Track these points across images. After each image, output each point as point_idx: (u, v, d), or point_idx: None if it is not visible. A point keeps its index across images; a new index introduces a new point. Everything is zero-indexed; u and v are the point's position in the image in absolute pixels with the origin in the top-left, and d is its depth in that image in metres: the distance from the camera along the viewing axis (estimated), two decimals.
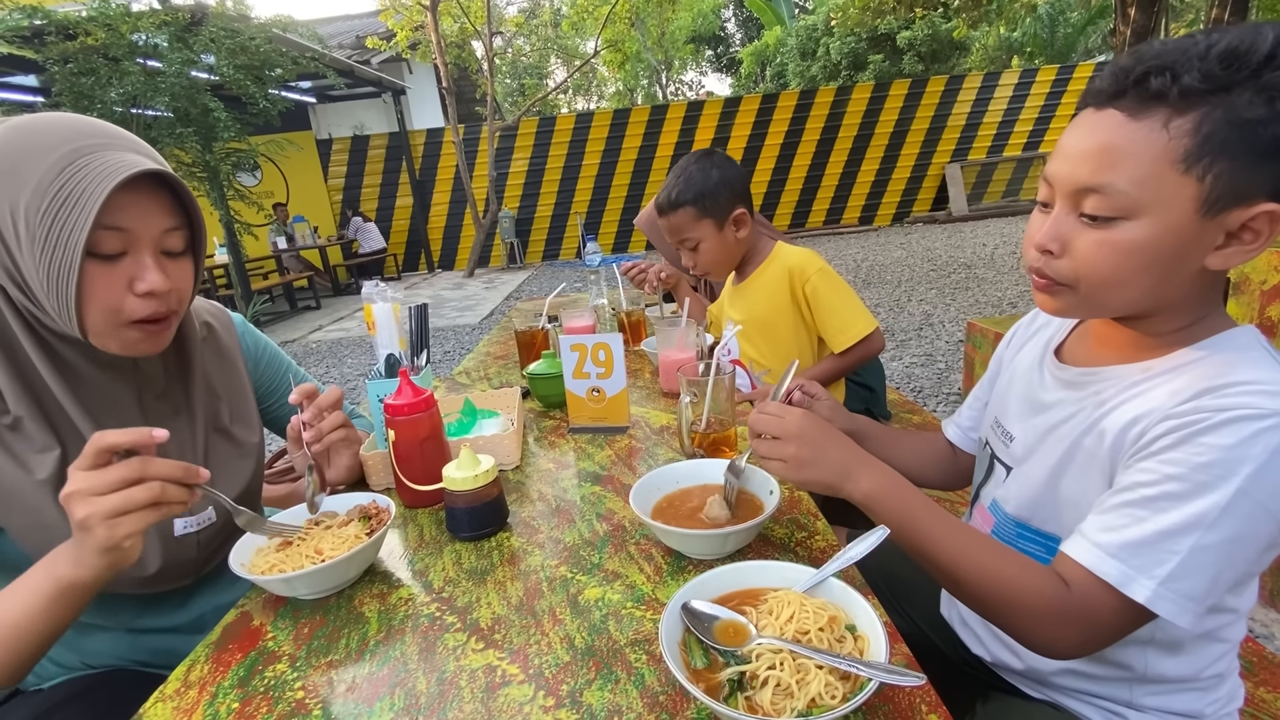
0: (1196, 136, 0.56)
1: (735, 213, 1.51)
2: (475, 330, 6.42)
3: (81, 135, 0.74)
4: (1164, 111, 0.57)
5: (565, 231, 11.34)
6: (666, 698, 0.59)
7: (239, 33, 6.60)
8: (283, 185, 10.60)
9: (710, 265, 1.57)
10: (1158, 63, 0.57)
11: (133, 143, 0.79)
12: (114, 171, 0.72)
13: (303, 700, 0.63)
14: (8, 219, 0.71)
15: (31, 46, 5.78)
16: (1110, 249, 0.61)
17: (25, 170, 0.71)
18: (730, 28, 23.76)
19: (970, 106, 10.49)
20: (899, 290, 6.03)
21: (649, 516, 0.80)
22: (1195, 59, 0.55)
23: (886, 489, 0.71)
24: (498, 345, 2.06)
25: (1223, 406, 0.57)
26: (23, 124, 0.74)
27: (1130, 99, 0.59)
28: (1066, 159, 0.63)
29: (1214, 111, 0.55)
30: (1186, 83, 0.55)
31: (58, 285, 0.72)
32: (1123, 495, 0.61)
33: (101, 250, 0.74)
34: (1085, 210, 0.62)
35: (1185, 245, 0.60)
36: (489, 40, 10.37)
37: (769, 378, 1.60)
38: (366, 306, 1.17)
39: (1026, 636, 0.65)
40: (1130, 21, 5.48)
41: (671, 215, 1.53)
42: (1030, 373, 0.82)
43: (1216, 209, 0.57)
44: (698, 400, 1.03)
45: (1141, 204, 0.59)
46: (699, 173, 1.50)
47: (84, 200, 0.70)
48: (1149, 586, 0.58)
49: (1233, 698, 0.73)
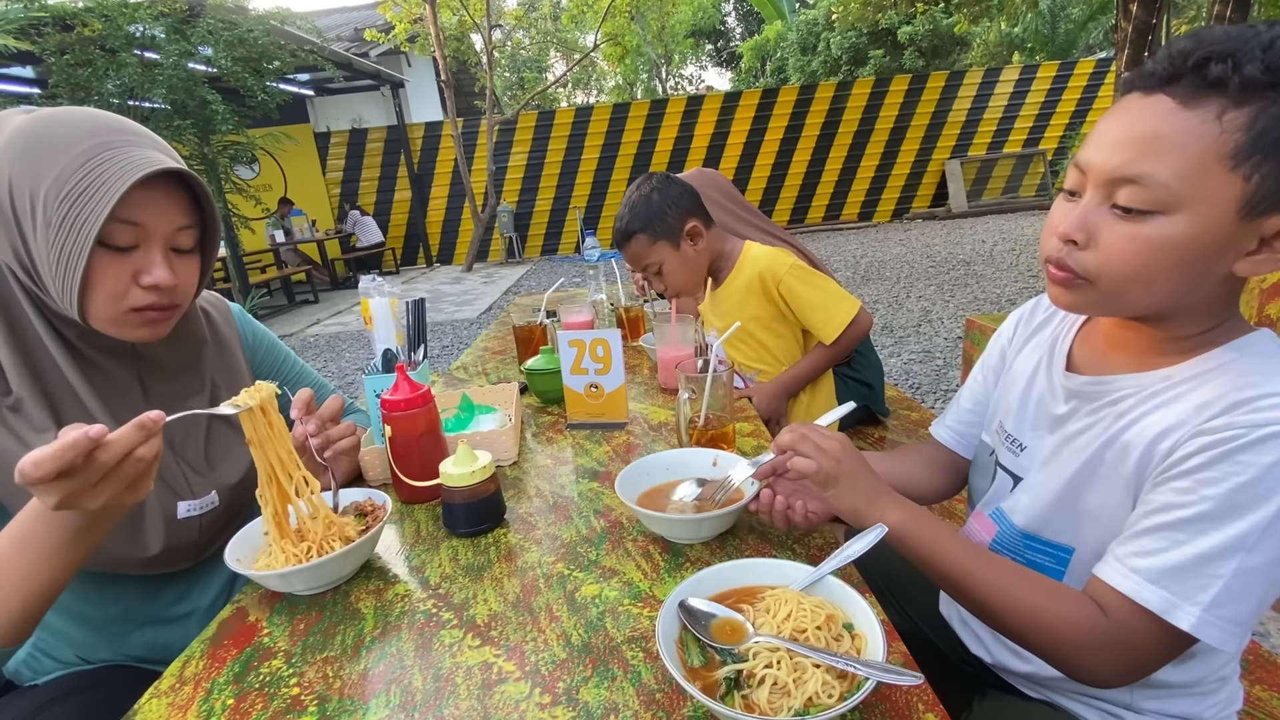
0: (1250, 132, 0.52)
1: (687, 227, 1.52)
2: (473, 325, 6.41)
3: (108, 130, 0.76)
4: (1219, 101, 0.53)
5: (564, 226, 11.32)
6: (663, 695, 0.59)
7: (237, 25, 6.56)
8: (280, 179, 10.56)
9: (679, 285, 1.57)
10: (1220, 48, 0.53)
11: (157, 142, 0.81)
12: (135, 167, 0.74)
13: (298, 697, 0.63)
14: (26, 203, 0.73)
15: (28, 38, 5.74)
16: (1142, 244, 0.58)
17: (49, 158, 0.73)
18: (730, 22, 23.66)
19: (971, 102, 10.47)
20: (898, 286, 6.03)
21: (634, 503, 0.82)
22: (1260, 49, 0.52)
23: (914, 522, 0.70)
24: (496, 340, 2.06)
25: (1259, 422, 0.55)
26: (52, 114, 0.76)
27: (1185, 85, 0.55)
28: (1104, 145, 0.60)
29: (1271, 107, 0.52)
30: (1249, 72, 0.52)
31: (65, 270, 0.74)
32: (1157, 517, 0.59)
33: (113, 242, 0.76)
34: (1119, 201, 0.59)
35: (1218, 248, 0.57)
36: (488, 33, 10.32)
37: (762, 376, 1.61)
38: (363, 301, 1.17)
39: (1069, 667, 0.64)
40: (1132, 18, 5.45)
41: (628, 246, 1.55)
42: (1036, 378, 0.80)
43: (1257, 212, 0.55)
44: (696, 397, 1.03)
45: (1181, 199, 0.55)
46: (640, 200, 1.52)
47: (103, 191, 0.72)
48: (1193, 614, 0.56)
49: (1232, 700, 0.72)
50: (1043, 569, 0.75)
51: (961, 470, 0.96)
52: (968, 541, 0.70)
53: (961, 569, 0.67)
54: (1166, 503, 0.59)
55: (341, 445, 0.94)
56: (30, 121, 0.75)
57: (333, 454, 0.94)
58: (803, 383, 1.59)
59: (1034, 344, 0.83)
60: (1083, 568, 0.71)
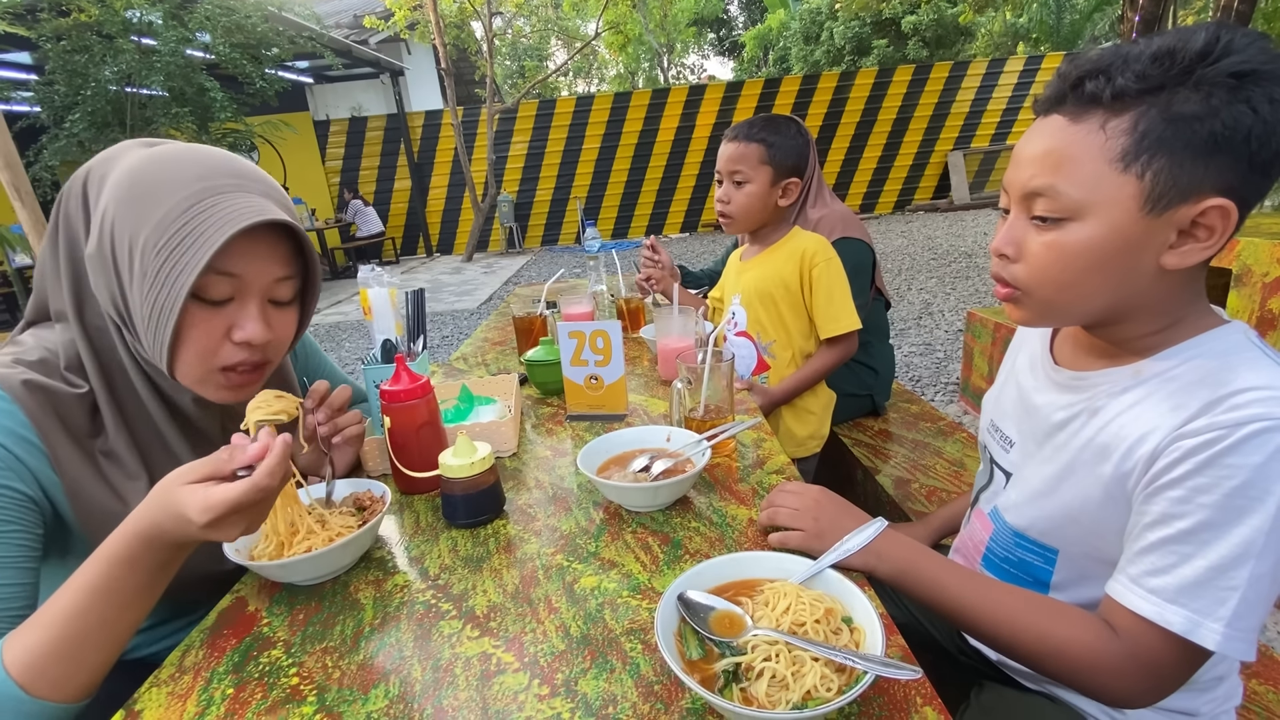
0: (1134, 134, 0.57)
1: (789, 180, 1.56)
2: (473, 315, 6.40)
3: (216, 173, 0.74)
4: (1100, 113, 0.59)
5: (564, 216, 11.28)
6: (661, 688, 0.59)
7: (235, 10, 6.50)
8: (280, 167, 10.51)
9: (742, 209, 1.58)
10: (1092, 67, 0.60)
11: (266, 186, 0.78)
12: (236, 216, 0.71)
13: (297, 686, 0.63)
14: (125, 251, 0.71)
15: (24, 23, 5.69)
16: (1059, 250, 0.63)
17: (152, 204, 0.71)
18: (733, 10, 23.44)
19: (974, 93, 10.40)
20: (899, 279, 6.02)
21: (594, 474, 0.88)
22: (1130, 61, 0.58)
23: (910, 562, 0.71)
24: (495, 331, 2.05)
25: (1239, 421, 0.55)
26: (162, 156, 0.74)
27: (1070, 103, 0.61)
28: (1019, 164, 0.66)
29: (1149, 110, 0.57)
30: (1120, 84, 0.57)
31: (157, 324, 0.72)
32: (1159, 530, 0.59)
33: (208, 295, 0.74)
34: (1036, 212, 0.64)
35: (1133, 244, 0.60)
36: (488, 21, 10.23)
37: (776, 348, 1.61)
38: (363, 291, 1.16)
39: (1089, 691, 0.64)
40: (1139, 8, 5.39)
41: (742, 144, 1.56)
42: (1025, 374, 0.82)
43: (1161, 206, 0.58)
44: (694, 387, 1.03)
45: (1085, 204, 0.60)
46: (786, 126, 1.57)
47: (200, 243, 0.70)
48: (1217, 630, 0.56)
49: (1230, 696, 0.73)
50: (1033, 568, 0.76)
51: None
52: (969, 572, 0.71)
53: (962, 602, 0.69)
54: (1164, 514, 0.59)
55: (350, 431, 0.95)
56: (140, 162, 0.73)
57: (341, 440, 0.95)
58: (805, 386, 1.61)
59: (1030, 344, 0.85)
60: (1068, 567, 0.73)
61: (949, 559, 0.73)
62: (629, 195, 11.12)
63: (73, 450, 0.76)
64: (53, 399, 0.76)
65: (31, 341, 0.80)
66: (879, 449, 1.85)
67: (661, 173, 11.03)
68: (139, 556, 0.62)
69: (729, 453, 1.03)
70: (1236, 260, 2.19)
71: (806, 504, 0.77)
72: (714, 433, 0.95)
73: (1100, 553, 0.68)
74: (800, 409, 1.64)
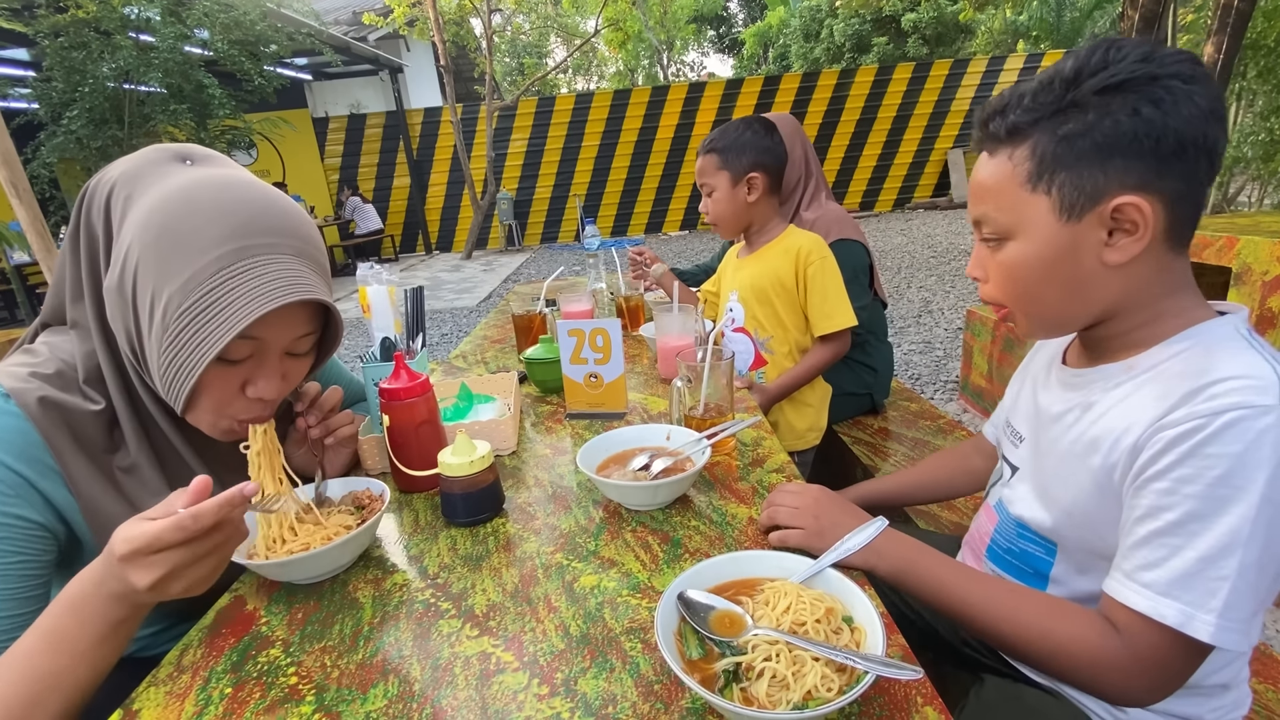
0: (1034, 159, 0.65)
1: (750, 175, 1.56)
2: (472, 313, 6.39)
3: (249, 230, 0.70)
4: (1007, 146, 0.67)
5: (564, 214, 11.27)
6: (661, 687, 0.59)
7: (233, 7, 6.48)
8: (278, 164, 10.49)
9: (718, 216, 1.63)
10: (993, 110, 0.68)
11: (301, 242, 0.75)
12: (267, 293, 0.69)
13: (296, 686, 0.63)
14: (147, 301, 0.69)
15: (22, 19, 5.67)
16: (1007, 267, 0.70)
17: (179, 262, 0.68)
18: (733, 7, 23.41)
19: (975, 91, 10.39)
20: (899, 276, 6.01)
21: (594, 472, 0.88)
22: (1022, 98, 0.66)
23: (910, 560, 0.72)
24: (495, 329, 2.05)
25: (1216, 410, 0.56)
26: (194, 197, 0.70)
27: (986, 143, 0.70)
28: (969, 197, 0.74)
29: (1042, 136, 0.64)
30: (1013, 120, 0.66)
31: (174, 378, 0.71)
32: (1149, 524, 0.60)
33: (229, 356, 0.73)
34: (984, 235, 0.72)
35: (1065, 250, 0.66)
36: (487, 17, 10.21)
37: (774, 344, 1.62)
38: (361, 289, 1.16)
39: (1094, 690, 0.65)
40: (1139, 5, 5.37)
41: (701, 159, 1.64)
42: (1039, 373, 0.84)
43: (1076, 213, 0.64)
44: (694, 385, 1.02)
45: (1013, 225, 0.68)
46: (734, 129, 1.60)
47: (228, 317, 0.68)
48: (1210, 621, 0.56)
49: (1238, 705, 0.72)
50: (1034, 559, 0.77)
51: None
52: (970, 570, 0.72)
53: (962, 600, 0.70)
54: (1152, 506, 0.60)
55: (343, 433, 0.95)
56: (171, 200, 0.69)
57: (334, 441, 0.94)
58: (801, 383, 1.62)
59: (1047, 346, 0.87)
60: (1068, 560, 0.74)
61: (949, 557, 0.74)
62: (628, 193, 11.11)
63: (89, 469, 0.75)
64: (68, 416, 0.75)
65: (47, 352, 0.79)
66: (878, 447, 1.85)
67: (661, 170, 11.01)
68: (80, 604, 0.61)
69: (729, 451, 1.03)
70: (1236, 259, 2.19)
71: (806, 503, 0.78)
72: (714, 431, 0.95)
73: (1097, 546, 0.69)
74: (799, 402, 1.66)
